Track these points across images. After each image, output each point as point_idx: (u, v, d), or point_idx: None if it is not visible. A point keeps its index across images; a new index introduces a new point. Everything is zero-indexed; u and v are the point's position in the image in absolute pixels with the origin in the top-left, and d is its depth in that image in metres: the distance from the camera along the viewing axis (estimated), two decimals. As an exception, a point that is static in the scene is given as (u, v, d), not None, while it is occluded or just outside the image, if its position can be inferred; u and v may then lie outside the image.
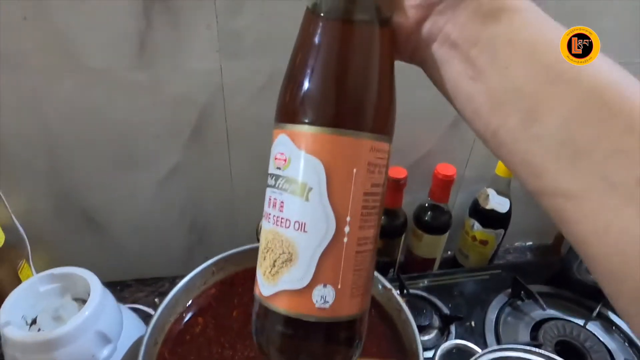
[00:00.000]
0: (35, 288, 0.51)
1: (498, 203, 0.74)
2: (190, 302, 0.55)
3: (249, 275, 0.59)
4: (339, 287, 0.25)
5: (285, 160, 0.25)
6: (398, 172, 0.69)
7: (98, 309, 0.49)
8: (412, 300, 0.67)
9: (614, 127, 0.19)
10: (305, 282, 0.25)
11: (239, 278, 0.59)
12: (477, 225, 0.77)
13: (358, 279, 0.26)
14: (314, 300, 0.25)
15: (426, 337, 0.65)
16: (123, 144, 0.65)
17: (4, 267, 0.66)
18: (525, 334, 0.66)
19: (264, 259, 0.26)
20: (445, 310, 0.68)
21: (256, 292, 0.27)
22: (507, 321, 0.69)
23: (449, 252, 0.89)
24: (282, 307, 0.25)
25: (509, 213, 0.76)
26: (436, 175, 0.71)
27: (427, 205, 0.76)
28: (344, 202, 0.25)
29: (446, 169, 0.71)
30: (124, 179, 0.68)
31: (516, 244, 0.94)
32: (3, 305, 0.48)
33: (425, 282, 0.75)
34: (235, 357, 0.49)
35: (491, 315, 0.69)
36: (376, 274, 0.56)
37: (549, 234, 0.94)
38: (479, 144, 0.76)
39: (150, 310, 0.69)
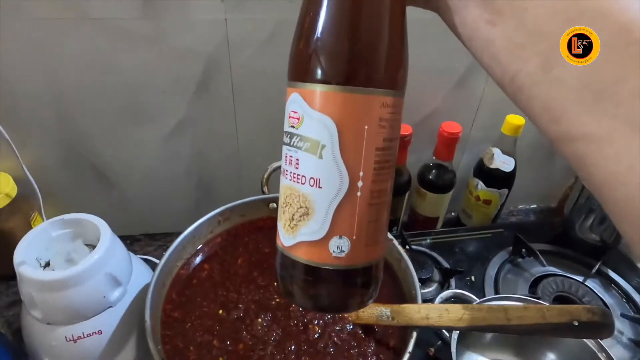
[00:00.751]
0: (47, 232, 0.53)
1: (503, 162, 0.74)
2: (197, 248, 0.57)
3: (253, 227, 0.60)
4: (354, 237, 0.26)
5: (298, 119, 0.25)
6: (403, 128, 0.69)
7: (108, 253, 0.50)
8: (413, 255, 0.68)
9: None
10: (322, 234, 0.26)
11: (244, 229, 0.60)
12: (481, 184, 0.78)
13: (373, 230, 0.27)
14: (331, 250, 0.26)
15: (426, 290, 0.66)
16: (130, 98, 0.65)
17: (17, 217, 0.69)
18: (524, 289, 0.67)
19: (283, 212, 0.27)
20: (446, 265, 0.70)
21: (278, 242, 0.28)
22: (507, 277, 0.70)
23: (452, 213, 0.90)
24: (301, 256, 0.27)
25: (513, 172, 0.76)
26: (441, 133, 0.71)
27: (431, 164, 0.76)
28: (356, 158, 0.25)
29: (451, 126, 0.71)
30: (131, 132, 0.69)
31: (520, 206, 0.95)
32: (17, 247, 0.50)
33: (428, 239, 0.76)
34: (240, 300, 0.51)
35: (491, 271, 0.70)
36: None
37: (553, 196, 0.94)
38: (485, 103, 0.76)
39: (158, 262, 0.71)
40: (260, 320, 0.48)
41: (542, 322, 0.38)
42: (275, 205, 0.61)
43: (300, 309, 0.49)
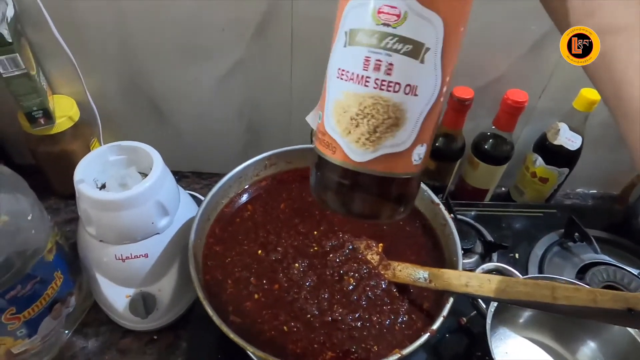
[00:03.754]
0: (105, 156, 0.56)
1: (568, 139, 0.69)
2: (242, 189, 0.57)
3: (298, 175, 0.60)
4: (428, 143, 0.27)
5: (398, 15, 0.22)
6: (464, 91, 0.65)
7: (158, 182, 0.52)
8: (457, 225, 0.66)
9: None
10: (408, 144, 0.25)
11: (289, 176, 0.60)
12: (540, 160, 0.73)
13: (434, 134, 0.27)
14: (413, 159, 0.26)
15: (466, 261, 0.65)
16: (189, 34, 0.65)
17: (78, 140, 0.72)
18: (570, 274, 0.64)
19: (357, 126, 0.25)
20: (490, 238, 0.67)
21: (339, 160, 0.26)
22: (554, 259, 0.67)
23: (502, 188, 0.86)
24: (381, 170, 0.26)
25: (578, 151, 0.70)
26: (505, 101, 0.67)
27: (489, 133, 0.72)
28: (451, 62, 0.24)
29: (517, 95, 0.66)
30: (187, 69, 0.69)
31: (578, 189, 0.89)
32: (77, 166, 0.52)
33: (474, 211, 0.73)
34: (279, 243, 0.52)
35: (538, 251, 0.67)
36: (426, 188, 0.55)
37: (617, 183, 0.87)
38: (559, 73, 0.70)
39: (204, 198, 0.73)
40: (297, 265, 0.49)
41: (592, 305, 0.36)
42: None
43: (338, 259, 0.49)
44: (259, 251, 0.51)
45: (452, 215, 0.51)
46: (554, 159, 0.72)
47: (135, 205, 0.51)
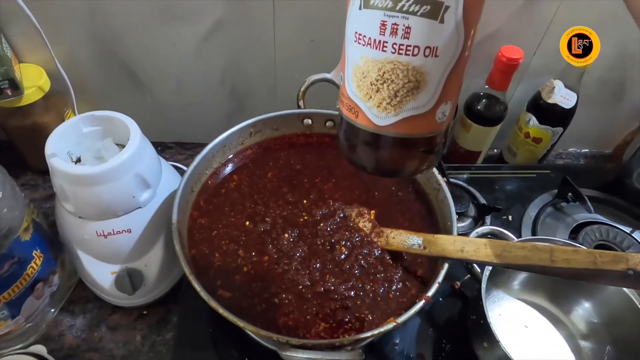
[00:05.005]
0: (78, 127, 0.52)
1: (563, 97, 0.67)
2: (226, 158, 0.55)
3: (286, 142, 0.58)
4: (454, 99, 0.26)
5: None
6: (457, 49, 0.62)
7: (137, 153, 0.49)
8: (450, 188, 0.65)
9: None
10: (430, 105, 0.25)
11: (276, 143, 0.58)
12: (533, 120, 0.71)
13: (460, 86, 0.26)
14: (437, 118, 0.25)
15: (460, 224, 0.64)
16: (163, -8, 0.60)
17: (51, 113, 0.68)
18: (564, 234, 0.63)
19: (377, 91, 0.25)
20: (483, 201, 0.66)
21: (362, 124, 0.26)
22: (546, 220, 0.66)
23: (495, 150, 0.84)
24: (404, 132, 0.26)
25: (573, 110, 0.68)
26: (499, 58, 0.64)
27: (482, 93, 0.70)
28: (475, 16, 0.23)
29: (512, 51, 0.63)
30: (164, 31, 0.65)
31: (570, 149, 0.88)
32: (49, 139, 0.49)
33: (467, 174, 0.72)
34: (267, 214, 0.50)
35: (531, 212, 0.66)
36: (418, 152, 0.53)
37: (610, 142, 0.86)
38: (555, 27, 0.67)
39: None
40: (286, 235, 0.47)
41: (591, 267, 0.35)
42: (310, 121, 0.58)
43: (329, 228, 0.48)
44: (247, 222, 0.49)
45: (445, 179, 0.49)
46: (548, 118, 0.70)
47: (113, 179, 0.48)
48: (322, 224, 0.48)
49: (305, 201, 0.51)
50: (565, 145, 0.86)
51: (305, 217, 0.49)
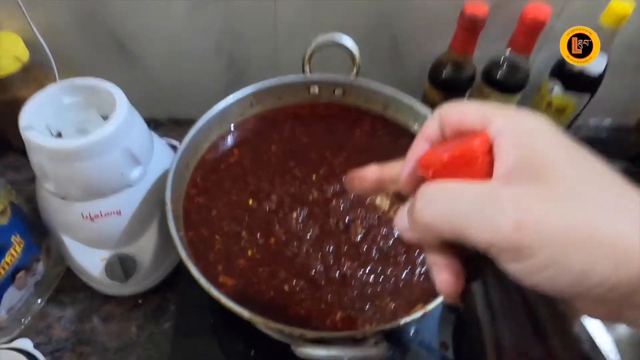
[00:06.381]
0: (57, 98, 0.47)
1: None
2: (225, 131, 0.49)
3: (290, 113, 0.52)
4: None
5: None
6: (477, 7, 0.56)
7: (124, 125, 0.44)
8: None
9: None
10: None
11: (280, 114, 0.52)
12: (557, 88, 0.65)
13: None
14: None
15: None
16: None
17: (31, 86, 0.62)
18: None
19: None
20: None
21: None
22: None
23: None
24: None
25: (602, 75, 0.63)
26: (524, 18, 0.58)
27: (503, 58, 0.64)
28: None
29: (538, 10, 0.57)
30: (152, -6, 0.58)
31: (591, 120, 0.82)
32: (22, 110, 0.44)
33: (484, 147, 0.66)
34: (273, 191, 0.44)
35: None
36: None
37: (634, 112, 0.80)
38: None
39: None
40: (295, 215, 0.42)
41: None
42: (317, 89, 0.52)
43: (342, 206, 0.43)
44: (250, 201, 0.44)
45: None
46: (574, 84, 0.64)
47: (98, 154, 0.42)
48: (334, 202, 0.43)
49: (314, 176, 0.46)
50: (586, 116, 0.81)
51: (315, 194, 0.44)
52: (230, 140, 0.49)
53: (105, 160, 0.43)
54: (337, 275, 0.38)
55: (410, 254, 0.40)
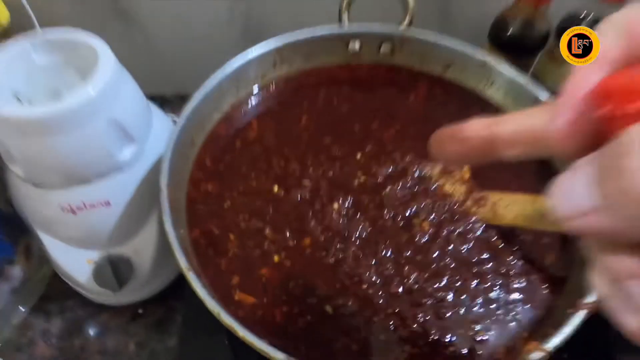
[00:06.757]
0: (27, 57, 0.37)
1: None
2: (241, 99, 0.39)
3: (324, 77, 0.42)
4: None
5: None
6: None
7: (111, 89, 0.34)
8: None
9: None
10: None
11: (311, 77, 0.42)
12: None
13: None
14: None
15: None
16: None
17: (13, 54, 0.53)
18: None
19: None
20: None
21: None
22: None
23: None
24: None
25: None
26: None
27: (584, 13, 0.51)
28: None
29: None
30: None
31: None
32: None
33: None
34: (305, 174, 0.34)
35: None
36: (526, 80, 0.36)
37: None
38: None
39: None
40: (336, 206, 0.31)
41: None
42: (357, 45, 0.41)
43: (399, 194, 0.32)
44: (275, 188, 0.33)
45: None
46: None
47: (75, 126, 0.32)
48: (388, 188, 0.32)
49: (358, 156, 0.35)
50: None
51: (362, 179, 0.33)
52: (248, 109, 0.38)
53: (86, 134, 0.33)
54: (400, 290, 0.27)
55: (501, 261, 0.29)
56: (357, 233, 0.30)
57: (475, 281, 0.28)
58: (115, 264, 0.40)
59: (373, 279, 0.28)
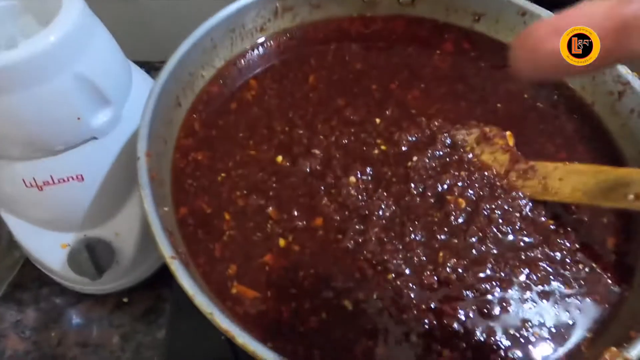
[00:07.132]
0: (-23, 0, 0.30)
1: None
2: (238, 52, 0.33)
3: (334, 30, 0.36)
4: None
5: None
6: None
7: (76, 38, 0.28)
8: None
9: None
10: None
11: (319, 30, 0.36)
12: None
13: None
14: None
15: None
16: None
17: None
18: None
19: None
20: None
21: None
22: None
23: None
24: None
25: None
26: None
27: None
28: None
29: None
30: None
31: None
32: None
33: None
34: (314, 142, 0.28)
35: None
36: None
37: None
38: None
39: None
40: (353, 179, 0.26)
41: None
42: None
43: (428, 165, 0.26)
44: (278, 158, 0.28)
45: (637, 73, 0.27)
46: None
47: (35, 81, 0.27)
48: (415, 159, 0.27)
49: (378, 120, 0.29)
50: None
51: (383, 147, 0.28)
52: (244, 66, 0.33)
53: (49, 92, 0.27)
54: (434, 281, 0.22)
55: (553, 245, 0.24)
56: (379, 212, 0.25)
57: (525, 270, 0.23)
58: (93, 248, 0.35)
59: (401, 268, 0.23)
